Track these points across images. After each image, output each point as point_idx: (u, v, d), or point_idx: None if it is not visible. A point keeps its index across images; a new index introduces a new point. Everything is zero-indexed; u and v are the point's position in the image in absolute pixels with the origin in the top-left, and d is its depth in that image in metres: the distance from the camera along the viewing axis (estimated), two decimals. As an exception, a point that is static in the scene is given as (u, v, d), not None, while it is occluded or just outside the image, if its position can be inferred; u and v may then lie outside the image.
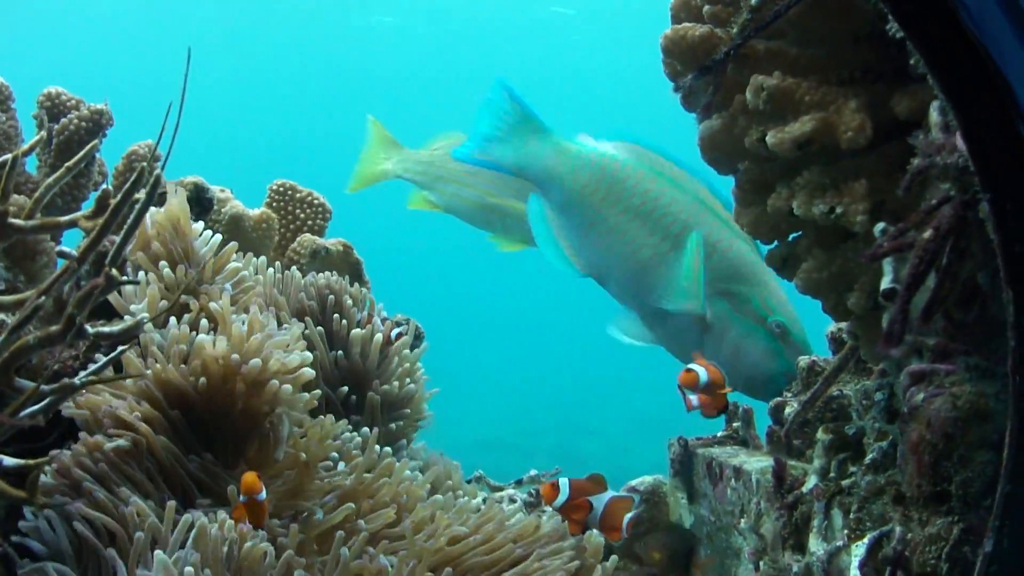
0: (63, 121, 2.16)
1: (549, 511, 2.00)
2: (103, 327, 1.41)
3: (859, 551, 1.62)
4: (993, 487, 1.26)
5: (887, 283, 1.40)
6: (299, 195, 2.72)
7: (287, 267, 2.40)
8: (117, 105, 2.20)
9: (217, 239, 2.02)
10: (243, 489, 1.64)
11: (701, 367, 2.06)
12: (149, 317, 1.57)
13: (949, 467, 1.32)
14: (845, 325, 1.94)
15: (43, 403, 1.39)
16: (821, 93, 1.53)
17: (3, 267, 1.99)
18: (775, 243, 1.73)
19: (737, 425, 2.41)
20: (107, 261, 1.32)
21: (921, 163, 1.36)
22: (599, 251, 2.66)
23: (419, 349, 2.40)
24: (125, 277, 1.43)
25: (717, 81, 1.64)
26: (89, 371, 1.46)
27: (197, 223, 2.04)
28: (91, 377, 1.45)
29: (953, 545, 1.31)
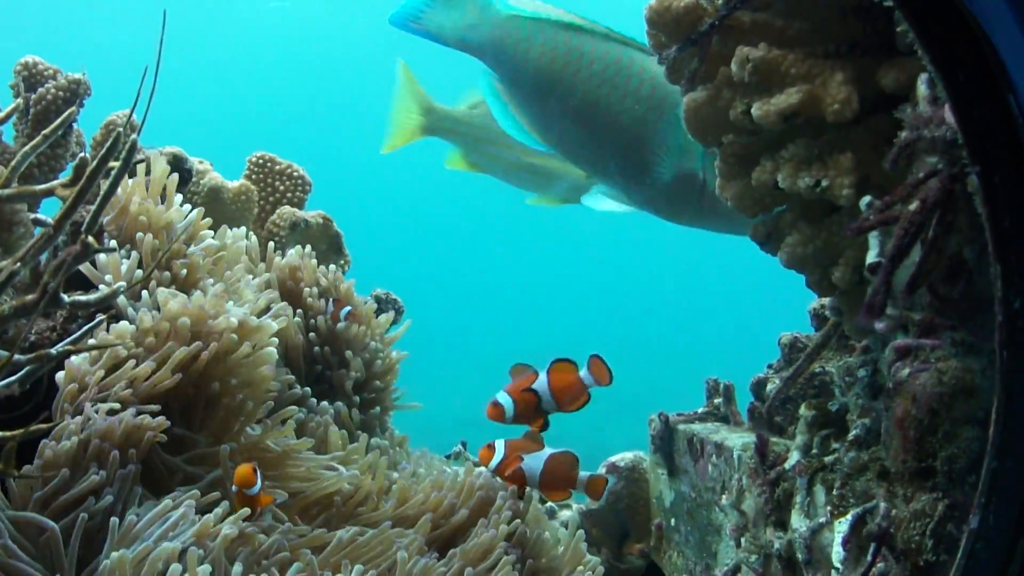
0: (40, 91, 2.11)
1: None
2: (79, 296, 1.39)
3: (842, 528, 1.61)
4: (978, 463, 1.25)
5: (872, 257, 1.38)
6: (278, 167, 2.68)
7: (267, 240, 2.37)
8: (95, 75, 2.15)
9: (194, 215, 1.99)
10: (236, 481, 1.62)
11: (508, 398, 2.02)
12: (125, 287, 1.54)
13: (934, 443, 1.31)
14: (828, 301, 1.93)
15: (20, 373, 1.37)
16: (807, 65, 1.51)
17: (-21, 238, 1.95)
18: (759, 217, 1.71)
19: (718, 401, 2.40)
20: (83, 229, 1.29)
21: (908, 136, 1.34)
22: (567, 124, 2.47)
23: (389, 322, 2.37)
24: (101, 245, 1.40)
25: (702, 53, 1.62)
26: (66, 340, 1.43)
27: (177, 196, 2.01)
28: (68, 347, 1.42)
29: (938, 521, 1.30)
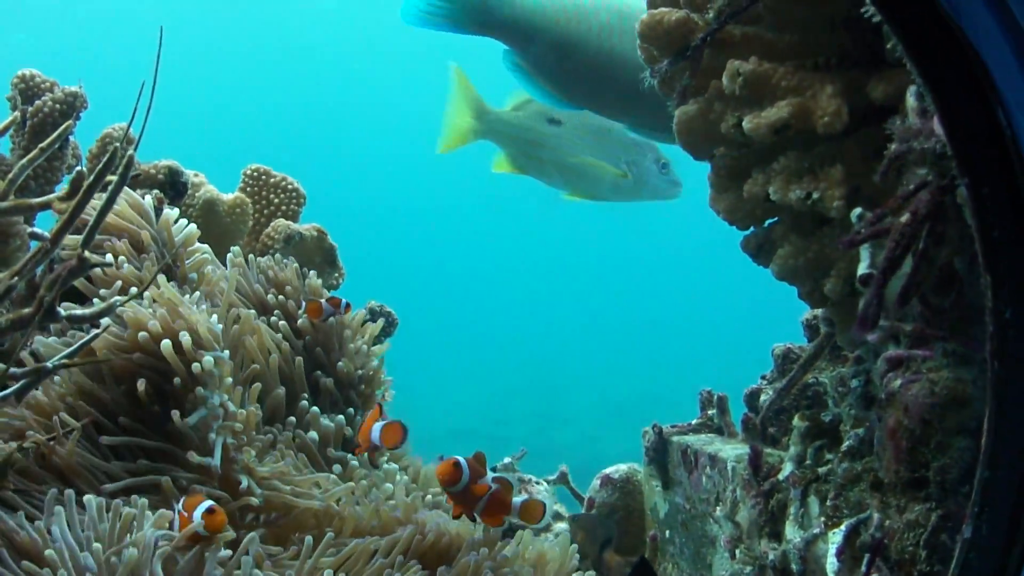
0: (37, 103, 2.12)
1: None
2: (75, 310, 1.39)
3: (836, 538, 1.61)
4: (971, 473, 1.26)
5: (864, 268, 1.39)
6: (273, 180, 2.69)
7: (261, 252, 2.37)
8: (91, 89, 2.16)
9: (190, 230, 1.99)
10: (187, 506, 1.58)
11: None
12: (121, 300, 1.54)
13: (927, 453, 1.32)
14: (820, 312, 1.94)
15: (16, 386, 1.37)
16: (798, 78, 1.52)
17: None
18: (751, 229, 1.72)
19: (712, 412, 2.40)
20: (80, 243, 1.30)
21: (898, 148, 1.35)
22: (589, 79, 2.52)
23: (377, 330, 2.36)
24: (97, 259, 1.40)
25: (694, 67, 1.63)
26: (62, 355, 1.43)
27: (173, 210, 2.02)
28: (64, 360, 1.42)
29: (931, 532, 1.31)
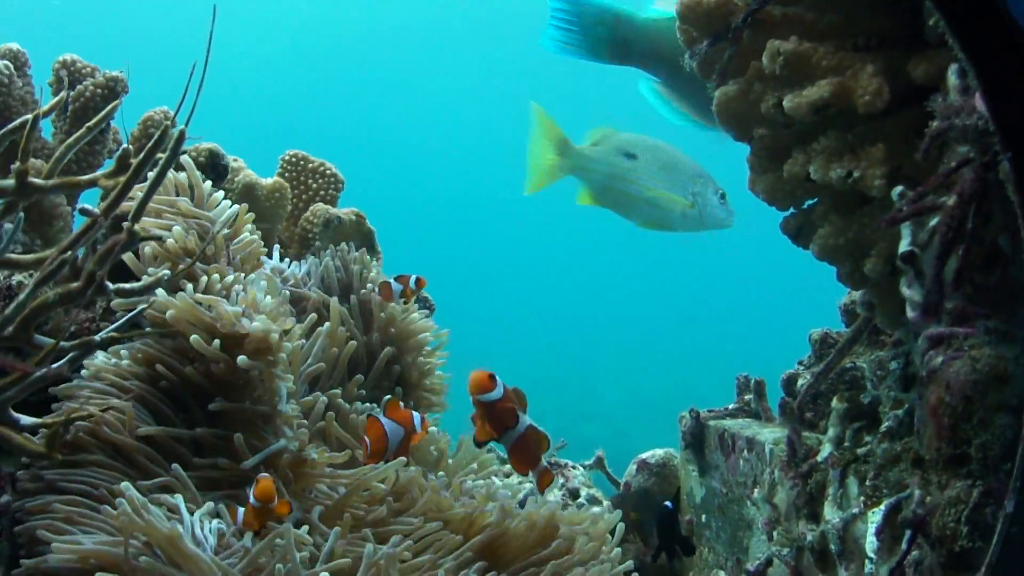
0: (79, 88, 2.15)
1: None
2: (123, 284, 1.41)
3: (876, 518, 1.62)
4: (1012, 450, 1.26)
5: (905, 246, 1.39)
6: (311, 165, 2.70)
7: (300, 236, 2.40)
8: (131, 74, 2.18)
9: (234, 209, 2.01)
10: (257, 494, 1.62)
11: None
12: (169, 275, 1.56)
13: (968, 430, 1.32)
14: (858, 296, 1.94)
15: (66, 357, 1.39)
16: (838, 58, 1.52)
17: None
18: (790, 211, 1.72)
19: (749, 397, 2.41)
20: (130, 217, 1.32)
21: (940, 126, 1.35)
22: None
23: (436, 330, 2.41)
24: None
25: (733, 47, 1.63)
26: (110, 328, 1.45)
27: (216, 192, 2.04)
28: (112, 334, 1.44)
29: (973, 508, 1.30)
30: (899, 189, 1.44)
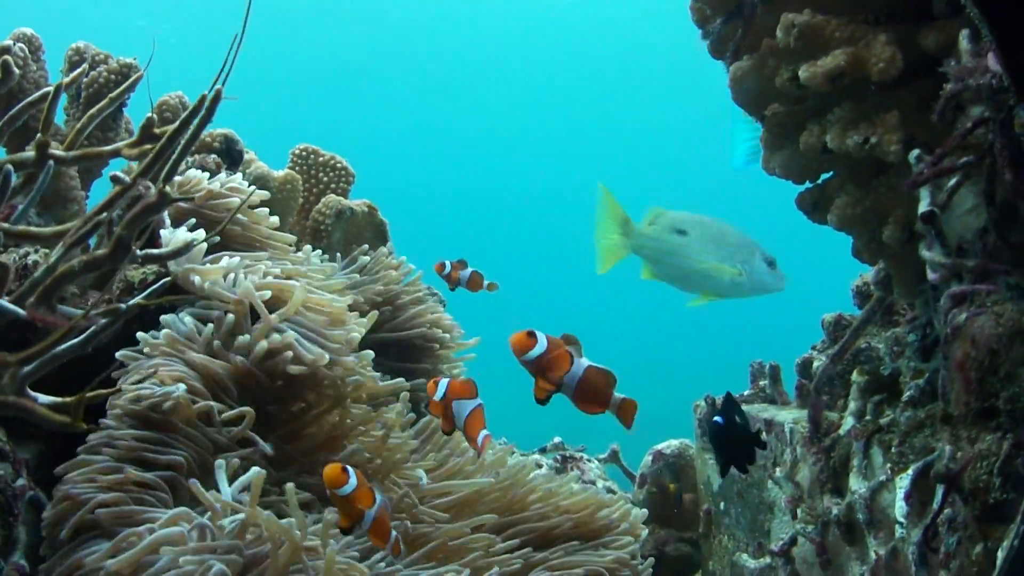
0: (92, 74, 2.16)
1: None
2: (151, 249, 1.40)
3: (903, 483, 1.63)
4: (1041, 401, 1.28)
5: (924, 207, 1.42)
6: (321, 159, 2.71)
7: (312, 229, 2.44)
8: (144, 60, 2.19)
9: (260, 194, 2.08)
10: (326, 482, 1.52)
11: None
12: (199, 240, 1.57)
13: (996, 383, 1.33)
14: (871, 276, 1.96)
15: (95, 326, 1.34)
16: (851, 30, 1.55)
17: (34, 212, 1.98)
18: (806, 184, 1.75)
19: (763, 383, 2.42)
20: (161, 179, 1.30)
21: (954, 87, 1.38)
22: None
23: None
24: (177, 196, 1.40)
25: (746, 24, 1.66)
26: (137, 297, 1.42)
27: (235, 175, 2.09)
28: (140, 301, 1.40)
29: (1004, 460, 1.32)
30: (916, 152, 1.47)
